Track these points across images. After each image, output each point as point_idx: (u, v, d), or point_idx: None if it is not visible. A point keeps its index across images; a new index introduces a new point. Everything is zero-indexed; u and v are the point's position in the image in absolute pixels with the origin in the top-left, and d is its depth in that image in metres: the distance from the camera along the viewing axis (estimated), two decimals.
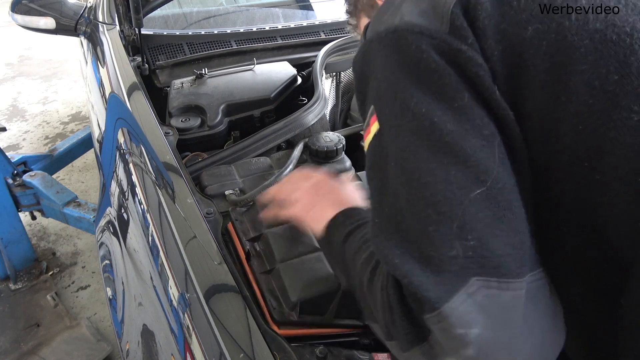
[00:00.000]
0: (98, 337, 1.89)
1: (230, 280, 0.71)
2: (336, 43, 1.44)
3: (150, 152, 1.00)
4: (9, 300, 2.09)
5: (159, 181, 0.93)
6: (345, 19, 0.83)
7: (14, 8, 1.84)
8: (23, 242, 2.19)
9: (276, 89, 1.32)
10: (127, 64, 1.35)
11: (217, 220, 0.85)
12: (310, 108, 1.17)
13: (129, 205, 1.03)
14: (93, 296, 2.16)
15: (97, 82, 1.53)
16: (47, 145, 3.36)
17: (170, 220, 0.83)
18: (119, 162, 1.14)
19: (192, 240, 0.78)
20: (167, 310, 0.76)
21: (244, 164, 1.04)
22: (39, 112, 3.81)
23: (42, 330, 1.94)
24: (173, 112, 1.23)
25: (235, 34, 1.60)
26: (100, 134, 1.39)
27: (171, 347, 0.74)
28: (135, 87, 1.24)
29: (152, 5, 1.52)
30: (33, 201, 2.07)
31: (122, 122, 1.19)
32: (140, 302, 0.90)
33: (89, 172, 3.04)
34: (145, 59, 1.43)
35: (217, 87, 1.31)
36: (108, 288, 1.12)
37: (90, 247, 2.43)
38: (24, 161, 2.17)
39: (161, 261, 0.81)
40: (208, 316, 0.66)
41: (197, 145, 1.18)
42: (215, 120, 1.20)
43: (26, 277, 2.20)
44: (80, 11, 1.85)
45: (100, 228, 1.25)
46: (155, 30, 1.60)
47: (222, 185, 0.96)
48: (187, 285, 0.72)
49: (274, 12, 1.90)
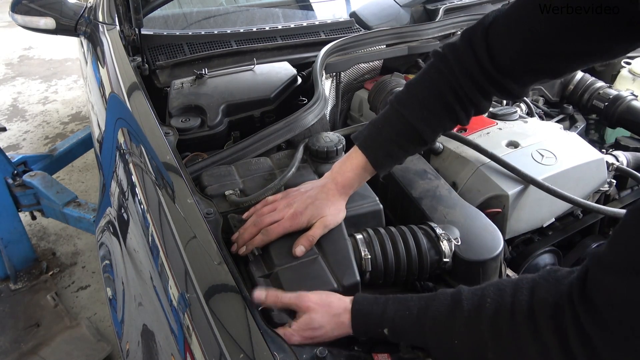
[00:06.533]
0: (98, 337, 1.89)
1: (230, 280, 0.71)
2: (336, 43, 1.44)
3: (150, 152, 1.00)
4: (9, 300, 2.09)
5: (159, 181, 0.93)
6: None
7: (14, 8, 1.84)
8: (23, 242, 2.20)
9: (276, 89, 1.32)
10: (127, 64, 1.35)
11: (217, 221, 0.85)
12: (310, 108, 1.17)
13: (129, 205, 1.03)
14: (93, 296, 2.16)
15: (97, 82, 1.53)
16: (47, 145, 3.36)
17: (170, 220, 0.83)
18: (119, 162, 1.14)
19: (192, 240, 0.78)
20: (167, 310, 0.76)
21: (244, 164, 1.04)
22: (39, 112, 3.81)
23: (42, 330, 1.94)
24: (173, 112, 1.23)
25: (235, 34, 1.60)
26: (100, 134, 1.39)
27: (171, 347, 0.74)
28: (135, 87, 1.24)
29: (152, 5, 1.52)
30: (33, 201, 2.08)
31: (122, 122, 1.19)
32: (140, 302, 0.90)
33: (89, 172, 3.04)
34: (145, 59, 1.43)
35: (217, 87, 1.31)
36: (108, 288, 1.12)
37: (90, 247, 2.43)
38: (24, 161, 2.17)
39: (161, 261, 0.81)
40: (208, 316, 0.67)
41: (197, 146, 1.18)
42: (215, 120, 1.20)
43: (26, 277, 2.20)
44: (80, 11, 1.85)
45: (100, 228, 1.25)
46: (155, 30, 1.60)
47: (222, 185, 0.96)
48: (187, 285, 0.72)
49: (274, 12, 1.90)
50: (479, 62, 0.83)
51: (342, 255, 0.82)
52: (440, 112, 0.88)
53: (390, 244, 0.85)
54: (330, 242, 0.84)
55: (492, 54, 0.82)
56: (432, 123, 0.88)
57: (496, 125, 1.18)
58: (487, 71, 0.83)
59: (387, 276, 0.85)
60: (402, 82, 1.38)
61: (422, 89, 0.89)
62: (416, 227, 0.90)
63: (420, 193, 1.01)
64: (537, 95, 1.53)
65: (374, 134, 0.90)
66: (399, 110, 0.89)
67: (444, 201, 0.98)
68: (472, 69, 0.84)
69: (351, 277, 0.80)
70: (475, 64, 0.84)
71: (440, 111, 0.88)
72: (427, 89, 0.88)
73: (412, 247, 0.85)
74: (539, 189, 1.00)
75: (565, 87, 1.54)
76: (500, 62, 0.82)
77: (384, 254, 0.84)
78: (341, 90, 1.53)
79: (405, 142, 0.89)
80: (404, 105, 0.89)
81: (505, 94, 0.88)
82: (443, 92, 0.86)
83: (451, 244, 0.86)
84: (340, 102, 1.54)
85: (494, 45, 0.82)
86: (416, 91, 0.89)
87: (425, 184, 1.03)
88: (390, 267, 0.84)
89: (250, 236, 0.84)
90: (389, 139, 0.89)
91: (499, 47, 0.82)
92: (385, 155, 0.90)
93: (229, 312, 0.68)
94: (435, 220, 0.93)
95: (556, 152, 1.08)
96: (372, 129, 0.91)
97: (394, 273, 0.85)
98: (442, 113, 0.88)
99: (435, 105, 0.88)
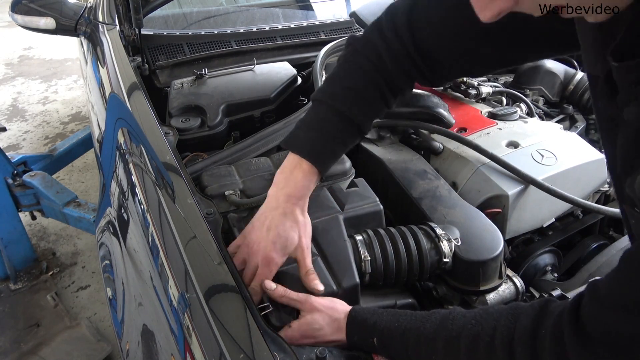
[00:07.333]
0: (98, 337, 1.89)
1: (230, 280, 0.71)
2: (336, 43, 1.44)
3: (150, 152, 1.00)
4: (9, 300, 2.09)
5: (159, 181, 0.93)
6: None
7: (14, 8, 1.84)
8: (23, 242, 2.19)
9: (276, 89, 1.32)
10: (127, 64, 1.35)
11: (217, 221, 0.85)
12: None
13: (129, 206, 1.03)
14: (93, 296, 2.16)
15: (97, 82, 1.53)
16: (47, 145, 3.36)
17: (170, 221, 0.83)
18: (119, 162, 1.14)
19: (192, 240, 0.78)
20: (167, 310, 0.76)
21: (244, 164, 1.04)
22: (39, 112, 3.81)
23: (42, 330, 1.94)
24: (173, 112, 1.23)
25: (235, 34, 1.60)
26: (100, 134, 1.39)
27: (171, 347, 0.74)
28: (135, 87, 1.24)
29: (152, 5, 1.52)
30: (33, 201, 2.08)
31: (122, 122, 1.19)
32: (140, 302, 0.90)
33: (89, 172, 3.04)
34: (145, 59, 1.43)
35: (217, 87, 1.31)
36: (108, 288, 1.12)
37: (90, 247, 2.43)
38: (24, 161, 2.17)
39: (161, 261, 0.81)
40: (208, 316, 0.66)
41: (197, 146, 1.18)
42: (215, 120, 1.20)
43: (26, 277, 2.20)
44: (80, 11, 1.85)
45: (100, 228, 1.25)
46: (155, 30, 1.60)
47: (222, 185, 0.96)
48: (187, 285, 0.72)
49: (274, 12, 1.90)
50: (406, 49, 0.84)
51: (341, 257, 0.82)
52: (374, 100, 0.87)
53: (390, 245, 0.85)
54: (329, 244, 0.84)
55: (417, 44, 0.83)
56: (368, 113, 0.87)
57: (496, 126, 1.18)
58: (413, 58, 0.84)
59: (387, 278, 0.85)
60: None
61: (352, 79, 0.87)
62: (416, 227, 0.89)
63: (420, 193, 1.01)
64: (537, 95, 1.53)
65: (314, 137, 0.85)
66: (334, 105, 0.85)
67: (444, 201, 0.98)
68: (399, 54, 0.84)
69: (350, 279, 0.80)
70: (402, 50, 0.84)
71: (374, 99, 0.87)
72: (360, 79, 0.86)
73: (413, 248, 0.85)
74: (539, 189, 1.00)
75: (565, 87, 1.53)
76: (425, 53, 0.84)
77: (384, 255, 0.84)
78: None
79: (347, 137, 0.88)
80: (337, 100, 0.85)
81: (426, 80, 0.89)
82: (375, 80, 0.86)
83: (451, 244, 0.86)
84: None
85: (419, 36, 0.83)
86: (348, 83, 0.87)
87: (425, 184, 1.03)
88: (391, 268, 0.84)
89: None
90: (331, 138, 0.86)
91: (424, 38, 0.83)
92: (330, 156, 0.87)
93: (229, 312, 0.68)
94: (435, 221, 0.93)
95: (556, 152, 1.08)
96: (309, 132, 0.86)
97: (394, 274, 0.85)
98: (377, 101, 0.88)
99: (369, 93, 0.86)
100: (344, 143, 0.88)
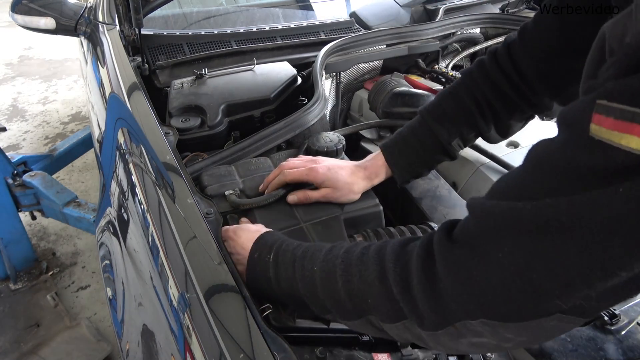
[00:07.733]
0: (98, 337, 1.89)
1: (230, 280, 0.71)
2: (336, 43, 1.44)
3: (150, 152, 1.00)
4: (9, 300, 2.09)
5: (159, 181, 0.93)
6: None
7: (14, 8, 1.84)
8: (23, 242, 2.20)
9: (276, 89, 1.32)
10: (127, 64, 1.34)
11: (217, 221, 0.85)
12: (310, 108, 1.17)
13: (129, 205, 1.03)
14: (93, 296, 2.16)
15: (97, 82, 1.53)
16: (47, 145, 3.36)
17: (170, 221, 0.83)
18: (119, 162, 1.13)
19: (192, 240, 0.78)
20: (167, 310, 0.76)
21: (244, 164, 1.04)
22: (39, 112, 3.81)
23: (42, 330, 1.94)
24: (173, 112, 1.23)
25: (235, 34, 1.60)
26: (100, 134, 1.39)
27: (171, 347, 0.74)
28: (135, 87, 1.24)
29: (152, 5, 1.52)
30: (33, 201, 2.08)
31: (122, 122, 1.19)
32: (140, 302, 0.90)
33: (89, 172, 3.04)
34: (145, 59, 1.43)
35: (217, 87, 1.31)
36: (108, 288, 1.12)
37: (90, 247, 2.43)
38: (24, 161, 2.17)
39: (161, 261, 0.81)
40: (208, 316, 0.67)
41: (197, 146, 1.18)
42: (215, 120, 1.20)
43: (26, 277, 2.20)
44: (80, 11, 1.85)
45: (100, 228, 1.25)
46: (155, 30, 1.60)
47: (222, 185, 0.96)
48: (187, 285, 0.72)
49: (274, 12, 1.90)
50: (505, 73, 0.85)
51: None
52: (460, 120, 0.90)
53: None
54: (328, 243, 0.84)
55: (518, 68, 0.84)
56: (452, 132, 0.90)
57: None
58: (515, 83, 0.85)
59: None
60: (402, 82, 1.38)
61: (448, 100, 0.92)
62: (416, 227, 0.89)
63: (420, 193, 1.01)
64: None
65: (400, 143, 0.94)
66: (426, 119, 0.92)
67: (444, 201, 0.98)
68: (495, 78, 0.86)
69: None
70: (500, 75, 0.86)
71: (460, 120, 0.90)
72: (452, 100, 0.91)
73: None
74: None
75: None
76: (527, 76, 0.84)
77: None
78: (341, 90, 1.53)
79: (429, 152, 0.92)
80: (430, 115, 0.92)
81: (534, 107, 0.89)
82: (465, 102, 0.89)
83: None
84: (340, 102, 1.54)
85: (518, 60, 0.84)
86: (444, 102, 0.92)
87: (425, 184, 1.03)
88: None
89: (273, 177, 0.95)
90: (414, 149, 0.92)
91: (522, 61, 0.84)
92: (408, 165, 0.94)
93: (229, 312, 0.68)
94: (435, 220, 0.93)
95: None
96: (398, 138, 0.95)
97: None
98: (462, 121, 0.90)
99: (457, 114, 0.90)
100: (425, 160, 0.94)
